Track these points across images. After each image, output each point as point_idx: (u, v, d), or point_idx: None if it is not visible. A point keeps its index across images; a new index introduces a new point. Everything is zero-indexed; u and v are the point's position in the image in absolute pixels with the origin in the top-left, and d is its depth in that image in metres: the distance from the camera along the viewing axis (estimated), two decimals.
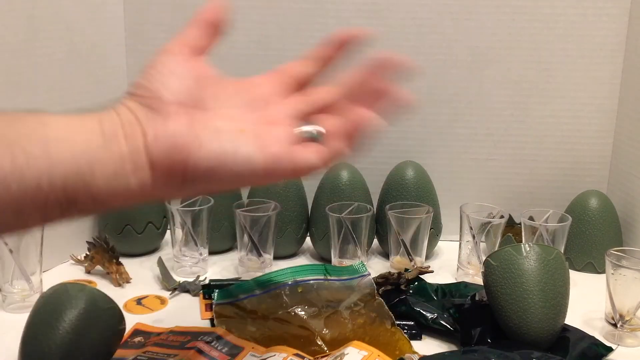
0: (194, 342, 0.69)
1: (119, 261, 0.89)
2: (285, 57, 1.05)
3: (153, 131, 0.42)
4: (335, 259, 0.92)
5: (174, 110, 0.43)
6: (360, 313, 0.75)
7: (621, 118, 1.03)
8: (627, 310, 0.76)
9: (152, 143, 0.42)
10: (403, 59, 0.51)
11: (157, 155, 0.42)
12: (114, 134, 0.41)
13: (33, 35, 0.86)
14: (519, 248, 0.73)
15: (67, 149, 0.39)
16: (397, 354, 0.68)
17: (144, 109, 0.43)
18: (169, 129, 0.42)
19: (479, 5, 1.00)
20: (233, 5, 1.04)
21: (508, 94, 1.04)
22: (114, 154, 0.41)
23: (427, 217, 0.92)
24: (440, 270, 0.94)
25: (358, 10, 1.01)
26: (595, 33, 1.00)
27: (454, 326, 0.76)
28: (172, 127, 0.42)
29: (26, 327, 0.63)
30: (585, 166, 1.06)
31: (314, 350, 0.68)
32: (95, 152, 0.40)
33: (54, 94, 0.91)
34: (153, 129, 0.42)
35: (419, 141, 1.06)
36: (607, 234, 0.95)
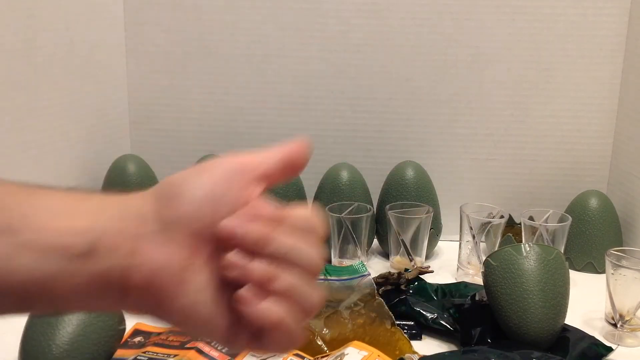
0: (194, 342, 0.69)
1: None
2: (285, 57, 1.05)
3: (142, 254, 0.36)
4: (335, 259, 0.92)
5: (181, 239, 0.36)
6: (360, 313, 0.75)
7: (621, 118, 1.03)
8: (627, 310, 0.76)
9: (135, 269, 0.36)
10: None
11: (132, 283, 0.36)
12: (100, 243, 0.36)
13: (33, 35, 0.86)
14: (519, 248, 0.73)
15: (33, 257, 0.35)
16: (397, 354, 0.68)
17: (153, 221, 0.36)
18: (160, 259, 0.36)
19: (479, 5, 1.00)
20: (233, 5, 1.05)
21: (508, 94, 1.04)
22: (87, 268, 0.36)
23: (427, 217, 0.92)
24: (440, 270, 0.94)
25: (358, 10, 1.01)
26: (595, 33, 1.00)
27: (454, 326, 0.75)
28: (163, 258, 0.36)
29: (26, 327, 0.63)
30: (585, 166, 1.06)
31: (314, 350, 0.68)
32: (67, 263, 0.35)
33: (54, 94, 0.91)
34: (143, 251, 0.36)
35: (419, 141, 1.06)
36: (607, 234, 0.95)
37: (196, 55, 1.04)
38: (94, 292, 0.36)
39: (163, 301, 0.37)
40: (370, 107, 1.05)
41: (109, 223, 0.36)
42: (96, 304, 0.38)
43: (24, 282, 0.35)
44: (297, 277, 0.37)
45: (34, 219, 0.35)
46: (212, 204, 0.37)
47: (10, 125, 0.85)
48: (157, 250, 0.36)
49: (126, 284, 0.36)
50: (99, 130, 1.03)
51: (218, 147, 1.06)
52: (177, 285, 0.36)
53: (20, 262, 0.34)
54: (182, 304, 0.37)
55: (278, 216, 0.38)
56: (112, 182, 0.97)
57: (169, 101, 1.06)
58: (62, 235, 0.35)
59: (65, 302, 0.37)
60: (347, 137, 1.06)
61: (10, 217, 0.35)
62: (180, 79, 1.05)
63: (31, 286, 0.35)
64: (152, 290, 0.36)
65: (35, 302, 0.36)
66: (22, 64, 0.85)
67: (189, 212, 0.36)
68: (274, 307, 0.36)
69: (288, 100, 1.05)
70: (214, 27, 1.03)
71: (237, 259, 0.36)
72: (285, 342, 0.38)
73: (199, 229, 0.36)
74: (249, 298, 0.36)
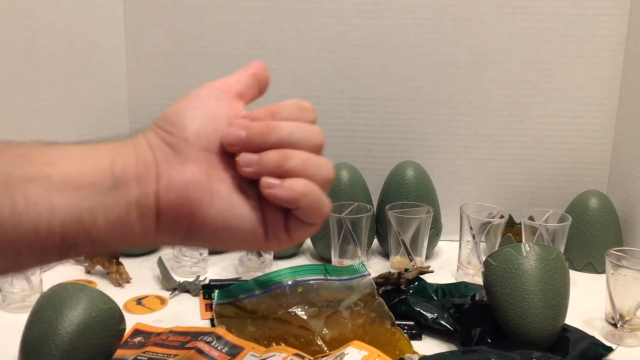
0: (194, 342, 0.69)
1: (119, 261, 0.89)
2: (285, 57, 1.05)
3: (167, 177, 0.39)
4: (335, 259, 0.92)
5: (195, 155, 0.39)
6: (360, 313, 0.75)
7: (621, 118, 1.03)
8: (627, 310, 0.76)
9: (164, 190, 0.39)
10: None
11: (165, 204, 0.39)
12: (125, 176, 0.38)
13: (33, 35, 0.86)
14: (519, 248, 0.73)
15: (70, 195, 0.37)
16: (397, 354, 0.68)
17: (164, 148, 0.39)
18: (185, 176, 0.39)
19: (479, 5, 1.00)
20: (233, 5, 1.05)
21: (508, 94, 1.04)
22: (121, 199, 0.38)
23: (427, 217, 0.92)
24: (440, 270, 0.94)
25: (358, 10, 1.01)
26: (595, 33, 1.00)
27: (454, 326, 0.76)
28: (188, 175, 0.39)
29: (26, 327, 0.63)
30: (585, 166, 1.06)
31: (314, 350, 0.68)
32: (101, 198, 0.38)
33: (54, 94, 0.91)
34: (168, 174, 0.39)
35: (419, 141, 1.06)
36: (607, 234, 0.95)
37: (196, 55, 1.04)
38: (130, 222, 0.39)
39: (197, 217, 0.39)
40: (370, 107, 1.05)
41: (127, 159, 0.39)
42: (134, 235, 0.40)
43: (65, 221, 0.37)
44: (306, 153, 0.40)
45: (61, 165, 0.38)
46: (210, 120, 0.41)
47: (10, 125, 0.85)
48: (178, 170, 0.39)
49: (159, 208, 0.39)
50: (99, 130, 1.03)
51: None
52: (208, 194, 0.39)
53: (58, 202, 0.37)
54: (218, 210, 0.39)
55: (271, 110, 0.42)
56: None
57: (169, 101, 1.06)
58: (90, 174, 0.38)
59: (105, 238, 0.39)
60: (347, 137, 1.06)
61: (38, 165, 0.37)
62: (180, 79, 1.05)
63: (72, 225, 0.37)
64: (185, 207, 0.39)
65: (77, 241, 0.38)
66: (22, 64, 0.85)
67: (193, 132, 0.40)
68: (297, 181, 0.39)
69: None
70: (214, 27, 1.03)
71: (250, 156, 0.40)
72: (317, 211, 0.41)
73: (207, 144, 0.40)
74: (273, 182, 0.39)
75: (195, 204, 0.39)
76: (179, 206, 0.39)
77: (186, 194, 0.39)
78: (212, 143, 0.40)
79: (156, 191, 0.39)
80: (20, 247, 0.37)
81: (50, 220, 0.37)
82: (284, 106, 0.42)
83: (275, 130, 0.40)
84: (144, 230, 0.39)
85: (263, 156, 0.40)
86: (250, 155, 0.40)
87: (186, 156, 0.39)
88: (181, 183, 0.39)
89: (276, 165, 0.39)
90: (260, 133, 0.40)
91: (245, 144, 0.40)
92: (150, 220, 0.39)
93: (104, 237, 0.39)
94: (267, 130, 0.40)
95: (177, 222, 0.40)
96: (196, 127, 0.40)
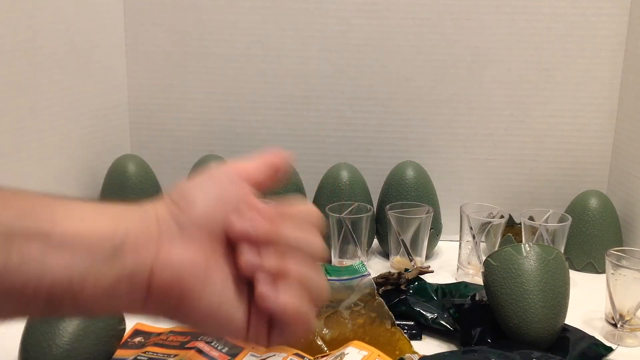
0: (194, 342, 0.69)
1: None
2: (285, 57, 1.06)
3: (167, 254, 0.38)
4: (335, 259, 0.92)
5: (199, 239, 0.39)
6: (360, 313, 0.75)
7: (621, 118, 1.03)
8: (627, 310, 0.76)
9: (159, 267, 0.38)
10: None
11: (158, 282, 0.38)
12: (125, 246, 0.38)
13: (33, 35, 0.86)
14: (519, 248, 0.73)
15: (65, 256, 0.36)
16: (397, 354, 0.68)
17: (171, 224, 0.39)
18: (184, 258, 0.38)
19: (479, 5, 1.00)
20: (233, 5, 1.05)
21: (508, 94, 1.04)
22: (115, 269, 0.37)
23: (427, 217, 0.92)
24: (440, 270, 0.94)
25: (358, 10, 1.01)
26: (595, 33, 1.00)
27: (454, 326, 0.76)
28: (187, 258, 0.38)
29: (26, 327, 0.63)
30: (585, 166, 1.06)
31: (314, 350, 0.68)
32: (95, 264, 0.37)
33: (54, 94, 0.91)
34: (168, 251, 0.38)
35: (419, 141, 1.06)
36: (607, 234, 0.95)
37: (196, 55, 1.04)
38: (119, 293, 0.38)
39: (185, 301, 0.39)
40: (370, 107, 1.05)
41: (131, 226, 0.38)
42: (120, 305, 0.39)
43: (54, 283, 0.36)
44: (306, 265, 0.40)
45: (63, 224, 0.37)
46: (222, 205, 0.40)
47: (10, 125, 0.85)
48: (179, 250, 0.38)
49: (150, 284, 0.38)
50: (99, 130, 1.03)
51: (218, 147, 1.06)
52: (202, 285, 0.39)
53: (51, 263, 0.36)
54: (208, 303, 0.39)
55: (281, 213, 0.41)
56: (112, 182, 0.97)
57: (169, 101, 1.07)
58: (90, 238, 0.37)
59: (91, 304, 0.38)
60: (347, 137, 1.06)
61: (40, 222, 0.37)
62: (180, 79, 1.05)
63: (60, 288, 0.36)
64: (175, 290, 0.38)
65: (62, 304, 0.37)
66: (22, 64, 0.85)
67: (203, 215, 0.39)
68: (292, 297, 0.39)
69: (288, 100, 1.05)
70: (214, 27, 1.03)
71: (254, 259, 0.39)
72: (301, 328, 0.40)
73: (213, 229, 0.39)
74: (271, 294, 0.38)
75: (186, 290, 0.38)
76: (170, 287, 0.38)
77: (181, 277, 0.38)
78: (218, 229, 0.40)
79: (152, 267, 0.38)
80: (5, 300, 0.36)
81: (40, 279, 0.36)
82: (293, 212, 0.42)
83: (281, 238, 0.40)
84: (130, 302, 0.39)
85: (265, 262, 0.39)
86: (254, 257, 0.39)
87: (190, 238, 0.39)
88: (179, 264, 0.38)
89: (276, 275, 0.39)
90: (268, 238, 0.39)
91: (249, 240, 0.39)
92: (139, 294, 0.38)
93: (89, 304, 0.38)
94: (276, 237, 0.40)
95: (165, 301, 0.39)
96: (207, 209, 0.40)
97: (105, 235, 0.38)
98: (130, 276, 0.38)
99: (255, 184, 0.43)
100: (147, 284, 0.38)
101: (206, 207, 0.40)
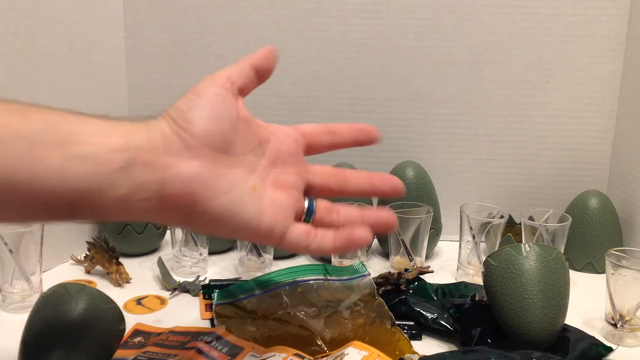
0: (194, 342, 0.69)
1: (118, 261, 0.89)
2: (285, 57, 1.05)
3: (175, 167, 0.42)
4: (335, 259, 0.92)
5: (202, 152, 0.44)
6: (360, 313, 0.75)
7: (621, 118, 1.03)
8: (627, 310, 0.76)
9: (170, 179, 0.42)
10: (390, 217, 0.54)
11: (169, 192, 0.42)
12: (136, 159, 0.42)
13: (33, 35, 0.86)
14: (519, 248, 0.73)
15: (84, 168, 0.40)
16: (397, 354, 0.68)
17: (175, 140, 0.43)
18: (190, 170, 0.43)
19: (479, 5, 1.00)
20: (233, 5, 1.05)
21: (508, 94, 1.04)
22: (129, 179, 0.41)
23: (427, 217, 0.92)
24: (440, 270, 0.94)
25: (358, 11, 1.01)
26: (595, 33, 1.00)
27: (454, 326, 0.76)
28: (193, 169, 0.43)
29: (26, 327, 0.63)
30: (585, 166, 1.06)
31: (314, 350, 0.68)
32: (110, 175, 0.41)
33: (54, 94, 0.91)
34: (176, 165, 0.43)
35: (419, 141, 1.06)
36: (607, 234, 0.95)
37: (196, 55, 1.04)
38: (133, 201, 0.42)
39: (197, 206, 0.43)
40: (370, 107, 1.05)
41: (140, 142, 0.42)
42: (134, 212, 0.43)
43: (74, 191, 0.40)
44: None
45: (80, 136, 0.41)
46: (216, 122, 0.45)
47: None
48: (185, 163, 0.43)
49: (162, 194, 0.42)
50: None
51: None
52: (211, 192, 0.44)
53: (72, 173, 0.40)
54: (218, 205, 0.44)
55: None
56: None
57: (169, 101, 1.06)
58: (105, 150, 0.41)
59: (107, 211, 0.42)
60: None
61: (60, 133, 0.40)
62: (180, 79, 1.05)
63: (79, 195, 0.40)
64: (186, 198, 0.43)
65: (81, 210, 0.41)
66: (22, 64, 0.85)
67: (203, 131, 0.44)
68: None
69: (288, 100, 1.05)
70: (214, 27, 1.03)
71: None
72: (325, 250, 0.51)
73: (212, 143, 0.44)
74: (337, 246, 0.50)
75: (197, 197, 0.43)
76: (181, 196, 0.43)
77: (190, 186, 0.43)
78: (217, 142, 0.44)
79: (162, 179, 0.42)
80: (31, 207, 0.40)
81: (61, 188, 0.39)
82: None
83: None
84: (144, 210, 0.43)
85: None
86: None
87: (194, 151, 0.43)
88: (187, 175, 0.43)
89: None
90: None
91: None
92: (152, 203, 0.42)
93: (106, 210, 0.42)
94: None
95: (177, 209, 0.43)
96: (205, 127, 0.44)
97: (118, 149, 0.41)
98: (142, 187, 0.42)
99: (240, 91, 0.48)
100: (159, 195, 0.42)
101: (205, 125, 0.44)
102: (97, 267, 0.91)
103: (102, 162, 0.40)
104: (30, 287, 0.81)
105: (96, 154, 0.40)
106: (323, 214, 0.51)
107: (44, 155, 0.39)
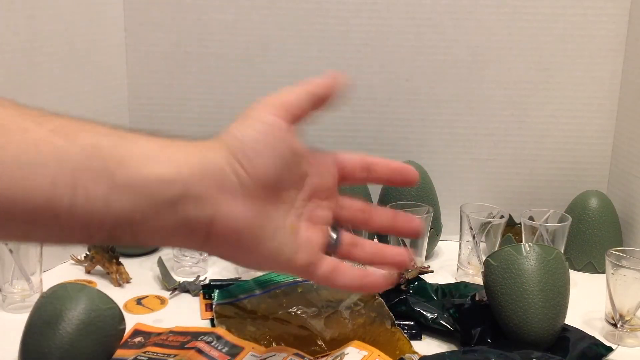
0: (194, 342, 0.69)
1: (119, 261, 0.89)
2: (286, 57, 1.05)
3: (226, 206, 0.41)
4: None
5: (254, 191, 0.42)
6: (360, 313, 0.75)
7: (621, 118, 1.03)
8: (627, 310, 0.76)
9: (218, 219, 0.40)
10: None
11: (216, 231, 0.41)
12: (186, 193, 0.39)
13: (33, 35, 0.86)
14: (519, 248, 0.73)
15: (130, 197, 0.38)
16: (397, 354, 0.68)
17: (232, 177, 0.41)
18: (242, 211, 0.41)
19: (479, 5, 1.00)
20: (233, 5, 1.05)
21: (508, 94, 1.04)
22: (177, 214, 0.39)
23: (427, 217, 0.92)
24: (440, 270, 0.94)
25: (358, 10, 1.01)
26: (595, 33, 1.00)
27: (454, 326, 0.75)
28: (245, 210, 0.41)
29: (26, 327, 0.63)
30: (585, 166, 1.06)
31: (314, 350, 0.68)
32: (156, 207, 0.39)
33: (54, 94, 0.91)
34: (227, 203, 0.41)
35: (419, 141, 1.06)
36: (607, 234, 0.95)
37: (196, 55, 1.04)
38: (178, 234, 0.41)
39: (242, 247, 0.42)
40: (370, 107, 1.05)
41: (193, 173, 0.40)
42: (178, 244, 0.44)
43: (117, 221, 0.38)
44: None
45: (128, 164, 0.38)
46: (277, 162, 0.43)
47: None
48: (237, 203, 0.41)
49: (209, 232, 0.41)
50: None
51: None
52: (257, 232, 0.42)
53: (115, 203, 0.38)
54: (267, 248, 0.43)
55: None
56: None
57: (169, 101, 1.06)
58: (152, 180, 0.39)
59: (150, 240, 0.42)
60: (347, 137, 1.06)
61: (106, 160, 0.38)
62: (180, 79, 1.05)
63: (122, 225, 0.39)
64: (233, 239, 0.42)
65: (123, 237, 0.40)
66: (22, 64, 0.85)
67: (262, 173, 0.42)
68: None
69: None
70: (214, 27, 1.03)
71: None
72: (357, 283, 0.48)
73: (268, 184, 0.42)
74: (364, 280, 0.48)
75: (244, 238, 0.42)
76: (229, 236, 0.41)
77: (239, 226, 0.41)
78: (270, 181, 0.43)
79: (212, 216, 0.40)
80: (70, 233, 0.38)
81: (103, 217, 0.38)
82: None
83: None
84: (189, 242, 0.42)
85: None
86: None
87: (249, 191, 0.41)
88: (240, 218, 0.41)
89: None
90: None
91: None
92: (198, 237, 0.41)
93: (149, 239, 0.41)
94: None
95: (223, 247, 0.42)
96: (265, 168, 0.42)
97: (167, 181, 0.39)
98: (188, 222, 0.40)
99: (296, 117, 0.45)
100: (207, 232, 0.41)
101: (265, 167, 0.42)
102: (97, 267, 0.91)
103: (147, 194, 0.38)
104: (30, 287, 0.81)
105: (143, 184, 0.38)
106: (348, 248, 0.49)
107: (89, 184, 0.37)
